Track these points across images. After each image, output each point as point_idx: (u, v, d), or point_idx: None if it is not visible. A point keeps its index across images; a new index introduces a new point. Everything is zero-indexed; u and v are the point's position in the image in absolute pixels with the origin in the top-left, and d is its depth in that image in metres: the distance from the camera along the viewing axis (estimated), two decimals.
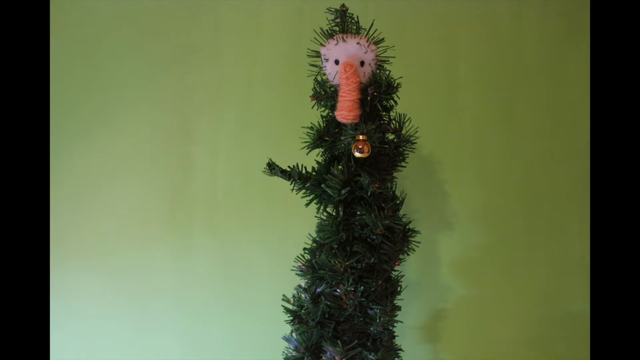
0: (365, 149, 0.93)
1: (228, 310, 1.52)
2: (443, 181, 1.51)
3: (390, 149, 1.05)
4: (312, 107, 1.06)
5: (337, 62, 0.99)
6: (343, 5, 1.02)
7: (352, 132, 0.96)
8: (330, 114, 1.05)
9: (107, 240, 1.52)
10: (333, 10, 1.02)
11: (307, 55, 1.02)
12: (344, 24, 1.01)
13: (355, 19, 1.02)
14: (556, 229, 1.51)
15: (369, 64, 0.99)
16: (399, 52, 1.02)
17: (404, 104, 1.09)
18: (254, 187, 1.48)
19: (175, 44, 1.52)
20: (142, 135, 1.52)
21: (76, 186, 1.52)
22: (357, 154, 0.93)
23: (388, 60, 1.02)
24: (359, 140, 0.93)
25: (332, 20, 1.03)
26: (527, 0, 1.51)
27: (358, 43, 0.97)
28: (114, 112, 1.52)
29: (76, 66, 1.53)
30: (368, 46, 0.98)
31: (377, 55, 0.99)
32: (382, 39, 1.01)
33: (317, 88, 1.04)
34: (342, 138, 0.99)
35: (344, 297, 1.02)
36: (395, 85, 1.02)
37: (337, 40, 0.98)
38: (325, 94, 1.03)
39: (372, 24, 1.00)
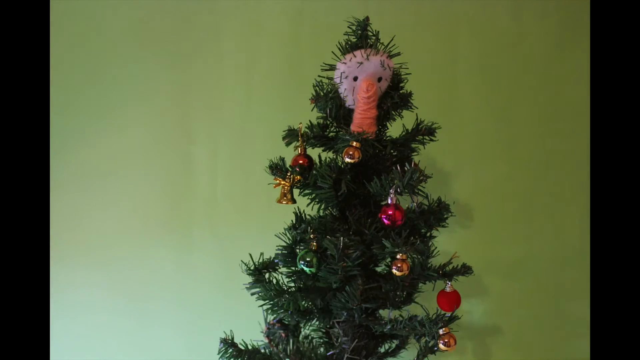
0: (356, 155, 0.93)
1: (228, 309, 1.52)
2: (442, 182, 1.50)
3: (388, 150, 1.05)
4: (312, 110, 1.06)
5: (355, 78, 0.98)
6: (367, 19, 0.99)
7: (348, 137, 0.96)
8: (326, 118, 1.05)
9: (107, 238, 1.52)
10: (355, 21, 0.99)
11: (321, 69, 1.00)
12: (364, 37, 0.99)
13: (375, 33, 1.00)
14: (556, 229, 1.51)
15: (386, 79, 0.99)
16: (398, 51, 1.02)
17: None
18: (254, 186, 1.48)
19: (176, 43, 1.52)
20: (143, 134, 1.52)
21: (76, 184, 1.52)
22: (347, 159, 0.94)
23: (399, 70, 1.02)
24: (350, 146, 0.94)
25: (352, 30, 1.00)
26: (526, 0, 1.51)
27: (382, 65, 0.96)
28: (114, 112, 1.52)
29: (76, 66, 1.52)
30: (387, 64, 0.97)
31: (393, 70, 0.99)
32: (399, 53, 1.00)
33: (317, 89, 1.04)
34: (337, 146, 0.99)
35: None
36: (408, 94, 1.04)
37: (360, 58, 0.96)
38: (325, 96, 1.02)
39: (393, 39, 0.99)
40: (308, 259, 0.99)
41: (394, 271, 0.93)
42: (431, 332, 0.97)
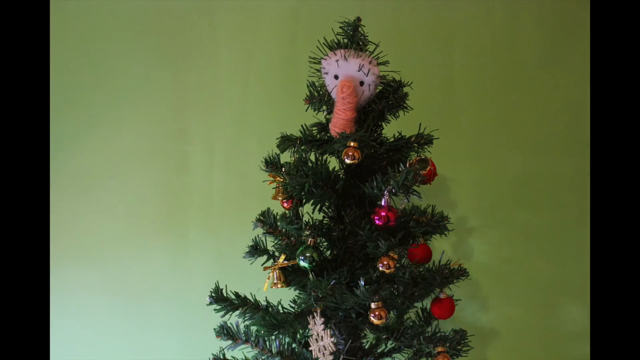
0: (356, 155, 0.93)
1: None
2: (438, 183, 1.49)
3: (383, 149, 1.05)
4: (306, 110, 1.06)
5: (336, 77, 0.98)
6: (359, 19, 0.99)
7: (345, 138, 0.96)
8: (326, 117, 1.05)
9: (103, 239, 1.52)
10: (346, 22, 0.99)
11: (309, 62, 1.00)
12: (354, 37, 0.98)
13: (365, 35, 0.99)
14: (555, 230, 1.50)
15: (369, 85, 0.98)
16: (395, 52, 1.02)
17: None
18: (249, 187, 1.47)
19: (172, 44, 1.53)
20: (139, 135, 1.53)
21: (72, 185, 1.53)
22: (347, 161, 0.94)
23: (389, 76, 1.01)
24: (349, 147, 0.94)
25: (343, 30, 0.99)
26: (524, 0, 1.50)
27: (360, 70, 0.95)
28: (110, 112, 1.53)
29: (72, 66, 1.53)
30: (369, 70, 0.96)
31: (378, 77, 0.97)
32: (387, 62, 0.99)
33: (311, 90, 1.04)
34: (334, 146, 0.98)
35: None
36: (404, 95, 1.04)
37: (338, 57, 0.96)
38: (319, 97, 1.02)
39: (378, 45, 0.99)
40: (308, 254, 0.98)
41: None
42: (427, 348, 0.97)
